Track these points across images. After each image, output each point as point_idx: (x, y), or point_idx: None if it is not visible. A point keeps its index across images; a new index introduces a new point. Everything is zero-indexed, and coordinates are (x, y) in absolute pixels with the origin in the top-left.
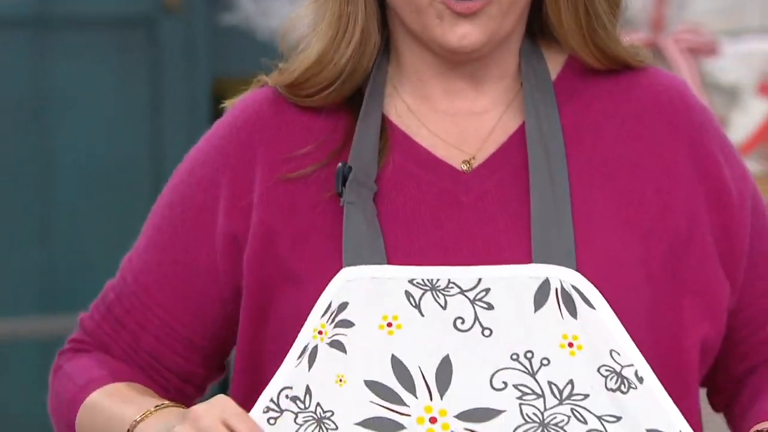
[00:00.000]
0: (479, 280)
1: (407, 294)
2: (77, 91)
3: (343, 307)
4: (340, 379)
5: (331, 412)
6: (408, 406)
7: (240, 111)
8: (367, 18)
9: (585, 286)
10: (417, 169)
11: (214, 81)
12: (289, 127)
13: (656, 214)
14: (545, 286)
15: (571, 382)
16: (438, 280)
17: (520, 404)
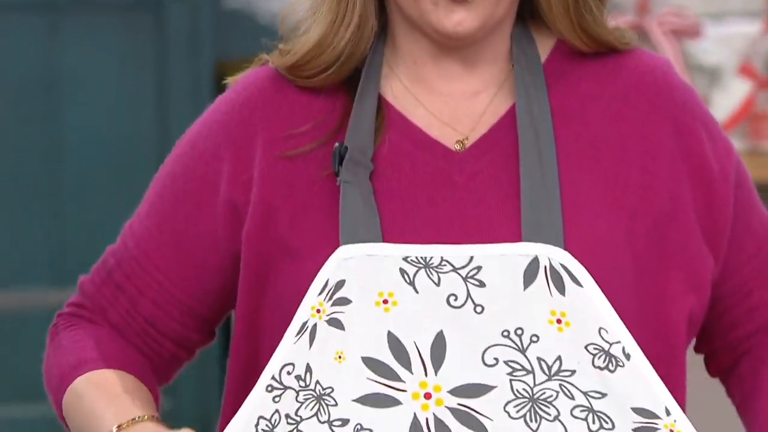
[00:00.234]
0: (471, 258)
1: (402, 271)
2: (86, 73)
3: (340, 285)
4: (339, 356)
5: (331, 389)
6: (404, 381)
7: (243, 88)
8: (365, 3)
9: (573, 264)
10: (412, 148)
11: (217, 63)
12: (290, 106)
13: (641, 193)
14: (534, 264)
15: (559, 359)
16: (431, 257)
17: (510, 380)
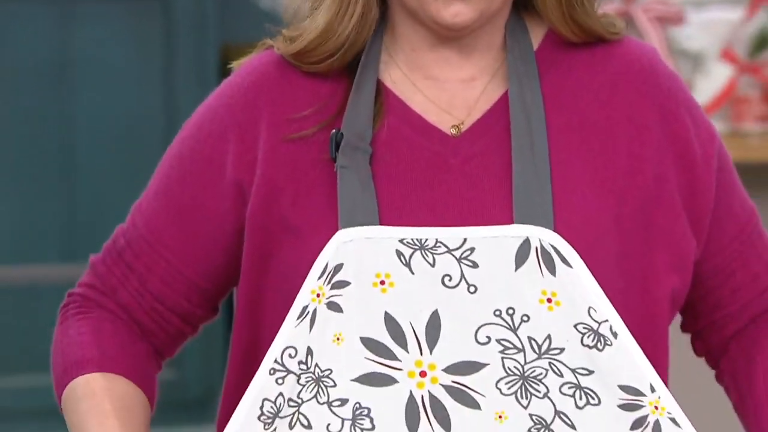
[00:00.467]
0: (465, 239)
1: (398, 253)
2: (97, 58)
3: (338, 268)
4: (337, 338)
5: (330, 371)
6: (400, 360)
7: (247, 73)
8: None
9: (563, 246)
10: (410, 133)
11: (222, 48)
12: (293, 90)
13: (628, 176)
14: (526, 246)
15: (549, 337)
16: (426, 239)
17: (502, 358)
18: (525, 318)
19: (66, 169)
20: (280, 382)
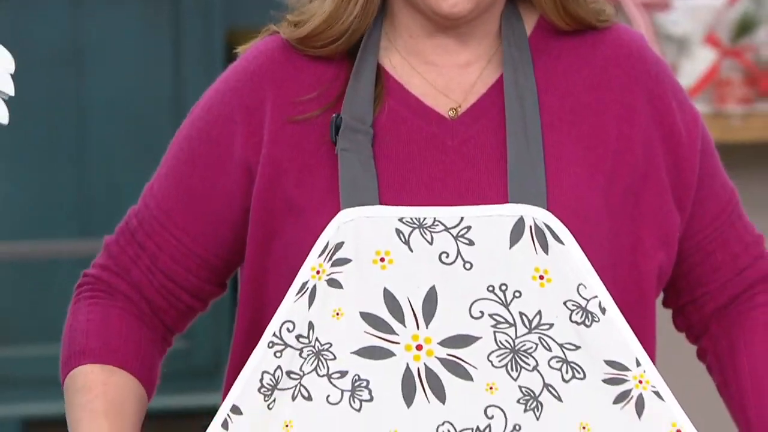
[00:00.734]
0: (461, 218)
1: (398, 231)
2: (108, 42)
3: (339, 246)
4: (336, 313)
5: (330, 344)
6: (398, 334)
7: (253, 57)
8: None
9: (555, 224)
10: (409, 115)
11: (228, 33)
12: (297, 74)
13: (617, 156)
14: (520, 224)
15: (540, 313)
16: (425, 218)
17: (494, 332)
18: (517, 294)
19: (79, 149)
20: (278, 356)
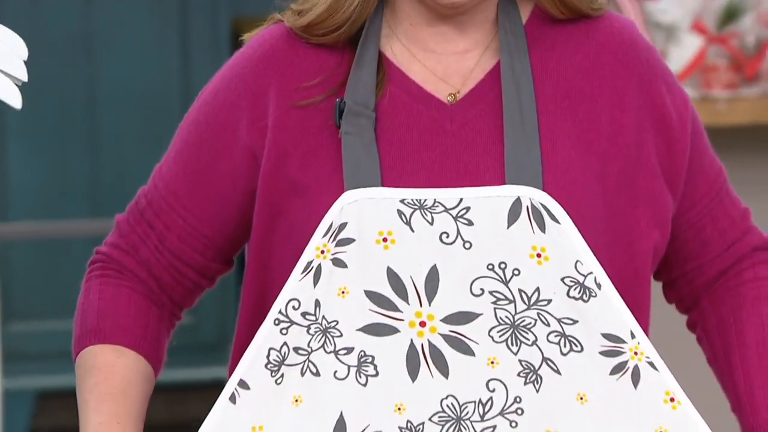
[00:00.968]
0: (461, 199)
1: (399, 212)
2: (118, 30)
3: (343, 226)
4: (342, 292)
5: (336, 322)
6: (401, 312)
7: (258, 44)
8: None
9: (551, 204)
10: (409, 100)
11: (233, 20)
12: (301, 61)
13: (611, 140)
14: (517, 205)
15: (538, 290)
16: (425, 199)
17: (494, 308)
18: (516, 272)
19: (91, 133)
20: (284, 332)
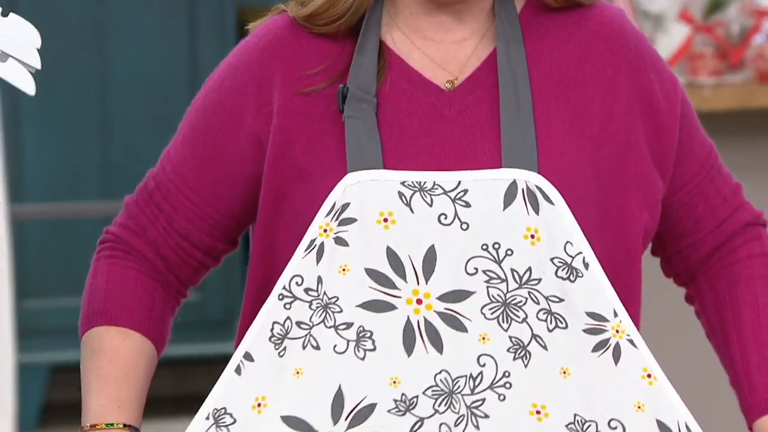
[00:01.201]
0: (459, 182)
1: (400, 194)
2: (129, 18)
3: (345, 207)
4: (343, 269)
5: (336, 298)
6: (399, 289)
7: (263, 34)
8: None
9: (546, 186)
10: (409, 87)
11: (239, 10)
12: (304, 50)
13: (602, 124)
14: (513, 187)
15: (529, 269)
16: (425, 182)
17: (487, 287)
18: (509, 252)
19: (103, 118)
20: (287, 307)
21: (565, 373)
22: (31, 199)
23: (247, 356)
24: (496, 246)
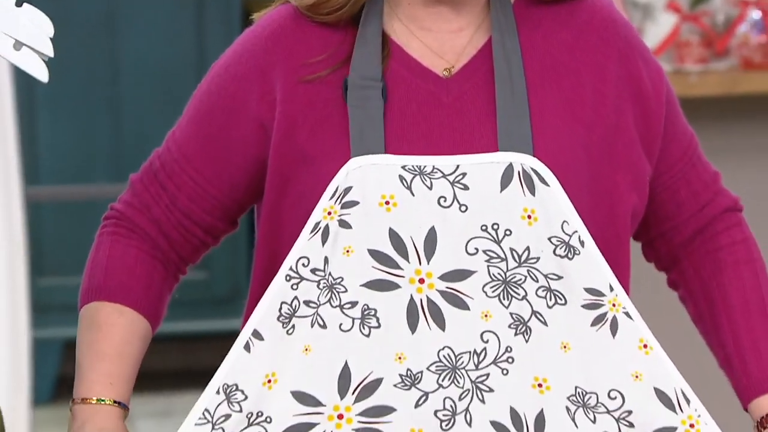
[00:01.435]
0: (457, 166)
1: (401, 178)
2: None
3: (348, 190)
4: (347, 251)
5: (341, 278)
6: (402, 269)
7: (267, 23)
8: None
9: (541, 168)
10: (409, 75)
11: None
12: (307, 39)
13: (594, 109)
14: (509, 170)
15: (528, 248)
16: (425, 166)
17: (488, 266)
18: (508, 232)
19: (113, 103)
20: (295, 288)
21: (566, 347)
22: (46, 182)
23: (256, 334)
24: (495, 226)
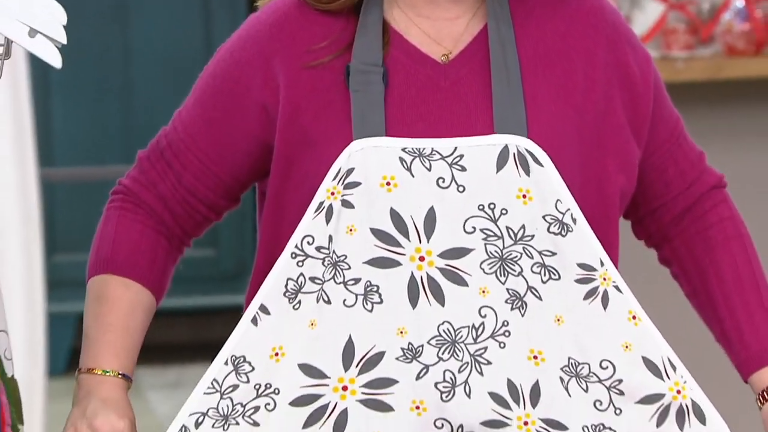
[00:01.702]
0: (455, 148)
1: (401, 159)
2: None
3: (350, 171)
4: (350, 229)
5: (345, 256)
6: (403, 247)
7: (272, 11)
8: None
9: (536, 149)
10: (408, 61)
11: None
12: (310, 26)
13: (584, 94)
14: (505, 151)
15: (523, 227)
16: (424, 148)
17: (485, 244)
18: (504, 211)
19: (125, 88)
20: (300, 265)
21: (559, 320)
22: (60, 164)
23: (263, 309)
24: (492, 206)
